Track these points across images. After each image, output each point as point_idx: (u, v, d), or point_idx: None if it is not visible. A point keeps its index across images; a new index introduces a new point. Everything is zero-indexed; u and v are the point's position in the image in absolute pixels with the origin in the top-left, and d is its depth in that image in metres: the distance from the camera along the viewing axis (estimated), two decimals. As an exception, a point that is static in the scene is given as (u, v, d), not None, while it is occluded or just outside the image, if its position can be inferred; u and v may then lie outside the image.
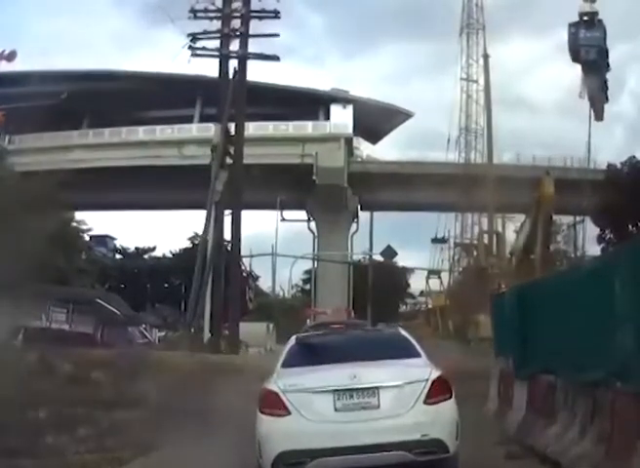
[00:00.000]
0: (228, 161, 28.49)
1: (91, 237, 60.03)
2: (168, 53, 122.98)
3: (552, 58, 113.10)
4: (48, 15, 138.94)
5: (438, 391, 9.41)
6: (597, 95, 29.71)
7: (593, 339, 9.72)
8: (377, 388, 9.32)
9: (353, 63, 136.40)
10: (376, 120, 71.66)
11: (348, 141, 67.07)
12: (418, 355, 10.43)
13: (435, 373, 9.61)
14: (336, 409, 9.26)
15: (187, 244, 74.26)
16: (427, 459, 9.21)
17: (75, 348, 26.61)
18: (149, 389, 16.39)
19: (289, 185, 62.23)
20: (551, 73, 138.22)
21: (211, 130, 32.52)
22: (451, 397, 9.58)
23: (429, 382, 9.40)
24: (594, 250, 50.30)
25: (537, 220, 41.07)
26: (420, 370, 9.72)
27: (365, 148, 73.45)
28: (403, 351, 10.45)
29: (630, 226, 45.44)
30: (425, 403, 9.29)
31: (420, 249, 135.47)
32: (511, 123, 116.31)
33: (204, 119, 61.43)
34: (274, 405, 9.38)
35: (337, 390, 9.29)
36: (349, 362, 9.84)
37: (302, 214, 68.67)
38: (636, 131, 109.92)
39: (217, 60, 29.66)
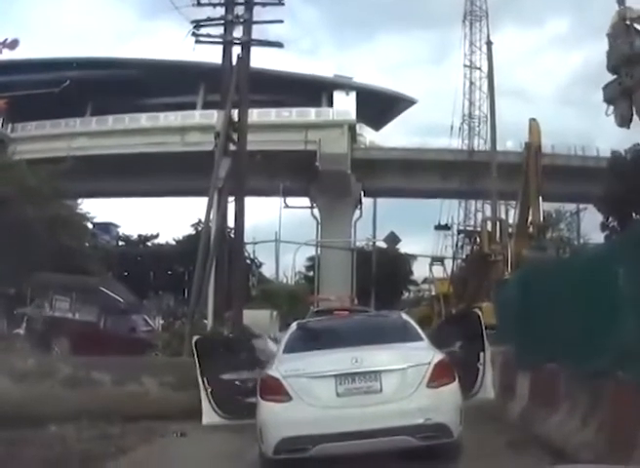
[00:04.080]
0: (232, 148, 28.39)
1: (94, 224, 59.90)
2: (171, 40, 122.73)
3: (550, 47, 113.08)
4: (50, 2, 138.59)
5: (441, 374, 9.35)
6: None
7: (596, 328, 9.70)
8: (379, 372, 9.27)
9: (353, 53, 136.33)
10: (379, 106, 71.49)
11: (352, 128, 66.86)
12: (420, 338, 10.37)
13: (438, 357, 9.55)
14: (338, 394, 9.21)
15: (191, 231, 74.15)
16: (431, 444, 9.21)
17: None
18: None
19: (292, 172, 62.13)
20: (550, 62, 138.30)
21: (214, 116, 32.35)
22: (454, 380, 9.51)
23: (432, 366, 9.34)
24: (598, 237, 50.34)
25: (529, 171, 41.28)
26: (423, 354, 9.67)
27: (368, 135, 73.30)
28: (405, 335, 10.40)
29: (634, 214, 45.37)
30: (428, 386, 9.22)
31: (423, 235, 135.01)
32: (512, 111, 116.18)
33: (207, 106, 61.23)
34: (275, 390, 9.34)
35: (338, 375, 9.23)
36: (351, 346, 9.78)
37: (306, 201, 68.59)
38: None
39: (220, 47, 29.58)
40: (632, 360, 8.28)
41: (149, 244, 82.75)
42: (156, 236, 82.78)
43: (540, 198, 43.03)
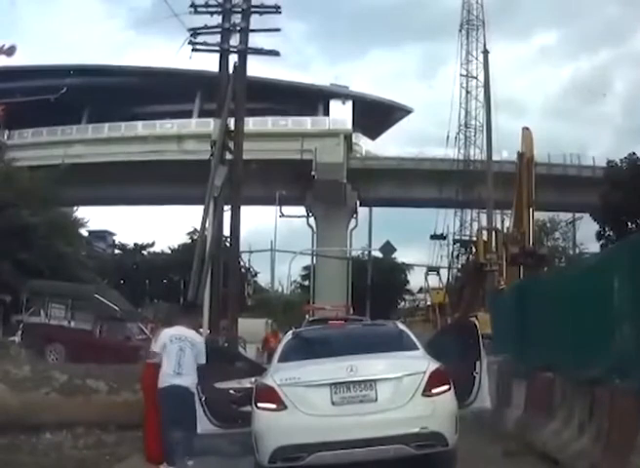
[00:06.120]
0: (228, 156, 28.38)
1: (90, 232, 59.91)
2: (168, 48, 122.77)
3: (540, 59, 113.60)
4: (48, 9, 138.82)
5: (436, 383, 9.28)
6: None
7: (592, 336, 9.71)
8: (374, 381, 9.22)
9: (349, 63, 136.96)
10: (375, 116, 71.48)
11: (347, 137, 66.86)
12: (415, 347, 10.35)
13: (433, 366, 9.50)
14: (333, 403, 9.16)
15: (186, 239, 74.22)
16: (426, 452, 9.17)
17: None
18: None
19: (288, 181, 62.15)
20: (541, 73, 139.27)
21: (210, 125, 32.33)
22: (449, 389, 9.44)
23: (427, 374, 9.27)
24: (594, 246, 50.34)
25: (522, 177, 41.32)
26: (418, 363, 9.62)
27: (364, 144, 73.15)
28: (400, 344, 10.36)
29: (629, 223, 45.39)
30: (424, 395, 9.16)
31: (418, 245, 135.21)
32: (508, 121, 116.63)
33: (203, 114, 61.29)
34: (270, 399, 9.29)
35: (333, 383, 9.18)
36: (346, 355, 9.74)
37: (301, 210, 68.53)
38: (634, 127, 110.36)
39: (217, 56, 29.59)
40: (630, 367, 8.28)
41: (145, 252, 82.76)
42: (152, 244, 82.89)
43: (532, 209, 43.10)
